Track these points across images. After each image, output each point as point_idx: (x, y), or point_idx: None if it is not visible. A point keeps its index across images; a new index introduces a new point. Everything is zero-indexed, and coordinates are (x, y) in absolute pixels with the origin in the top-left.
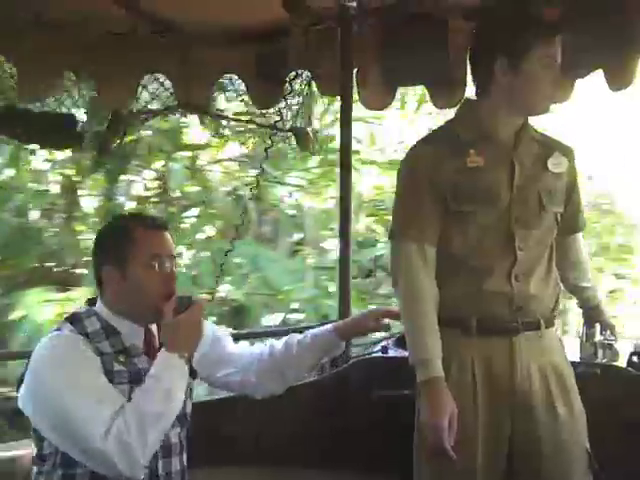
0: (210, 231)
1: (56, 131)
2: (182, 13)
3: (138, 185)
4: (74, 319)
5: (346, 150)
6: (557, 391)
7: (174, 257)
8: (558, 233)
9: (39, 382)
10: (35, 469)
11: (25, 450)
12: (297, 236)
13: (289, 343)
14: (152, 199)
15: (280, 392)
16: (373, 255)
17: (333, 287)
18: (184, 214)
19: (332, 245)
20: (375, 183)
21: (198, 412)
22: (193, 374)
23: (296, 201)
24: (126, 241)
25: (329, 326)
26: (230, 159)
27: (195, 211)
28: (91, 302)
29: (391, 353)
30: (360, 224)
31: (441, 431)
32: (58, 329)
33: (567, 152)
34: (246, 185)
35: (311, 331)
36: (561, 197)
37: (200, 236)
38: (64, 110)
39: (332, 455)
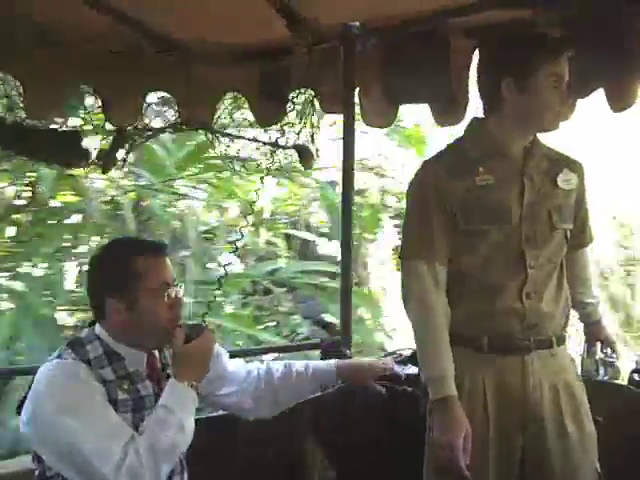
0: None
1: (62, 148)
2: (186, 32)
3: (9, 192)
4: (75, 344)
5: (348, 168)
6: (568, 409)
7: (175, 280)
8: (572, 244)
9: (43, 413)
10: None
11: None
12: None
13: (288, 372)
14: (27, 208)
15: (270, 416)
16: (268, 269)
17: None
18: (61, 222)
19: (227, 259)
20: (274, 194)
21: (198, 429)
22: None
23: (180, 212)
24: (130, 273)
25: (331, 363)
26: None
27: (73, 219)
28: (92, 323)
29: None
30: (260, 238)
31: (456, 450)
32: (59, 356)
33: (576, 168)
34: (125, 193)
35: (312, 364)
36: (570, 213)
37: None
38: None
39: (334, 471)
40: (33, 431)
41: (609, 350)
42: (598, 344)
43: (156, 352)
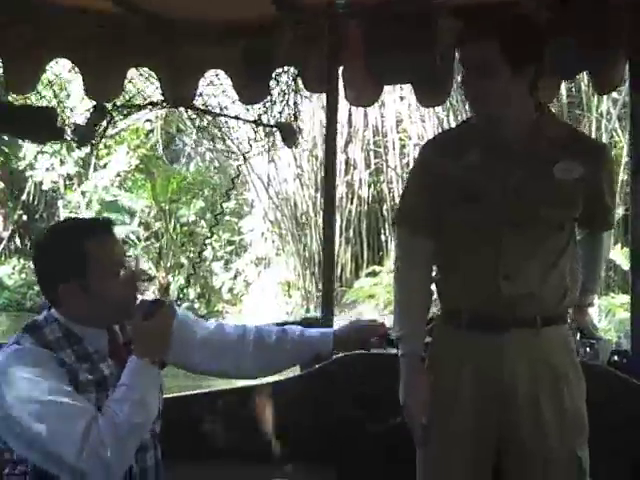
0: None
1: (37, 124)
2: (170, 8)
3: None
4: (33, 328)
5: (331, 146)
6: (547, 391)
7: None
8: (578, 227)
9: (3, 404)
10: (7, 470)
11: None
12: None
13: (282, 338)
14: None
15: (257, 377)
16: None
17: None
18: None
19: None
20: None
21: (181, 406)
22: (161, 364)
23: None
24: (81, 257)
25: (329, 333)
26: None
27: None
28: (50, 307)
29: (376, 350)
30: None
31: (409, 408)
32: (17, 342)
33: (590, 155)
34: None
35: (308, 332)
36: (570, 202)
37: None
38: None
39: (316, 450)
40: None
41: (589, 332)
42: (580, 326)
43: (118, 330)
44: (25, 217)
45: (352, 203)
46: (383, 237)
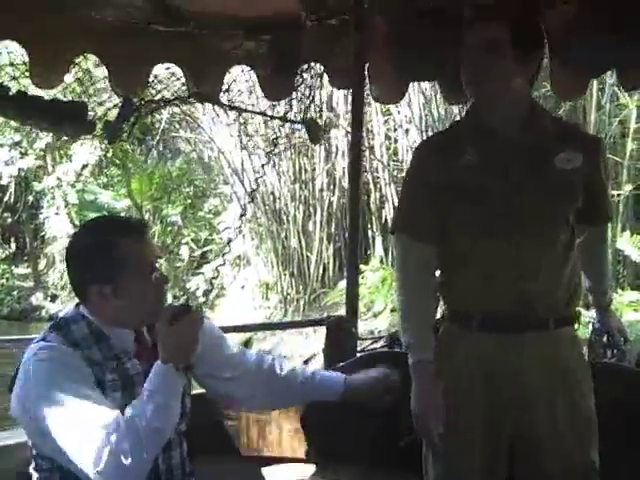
0: None
1: (68, 119)
2: (196, 3)
3: None
4: (60, 325)
5: (357, 144)
6: (561, 394)
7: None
8: (577, 224)
9: (29, 402)
10: (33, 464)
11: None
12: None
13: (294, 375)
14: None
15: (263, 411)
16: None
17: None
18: None
19: None
20: None
21: (204, 403)
22: (189, 368)
23: None
24: (114, 258)
25: (340, 381)
26: None
27: None
28: (78, 303)
29: (397, 348)
30: None
31: (425, 417)
32: (43, 338)
33: (587, 145)
34: None
35: (320, 376)
36: (574, 192)
37: None
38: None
39: (337, 450)
40: (22, 419)
41: (616, 333)
42: (605, 327)
43: (145, 331)
44: (9, 219)
45: (334, 194)
46: (370, 233)
